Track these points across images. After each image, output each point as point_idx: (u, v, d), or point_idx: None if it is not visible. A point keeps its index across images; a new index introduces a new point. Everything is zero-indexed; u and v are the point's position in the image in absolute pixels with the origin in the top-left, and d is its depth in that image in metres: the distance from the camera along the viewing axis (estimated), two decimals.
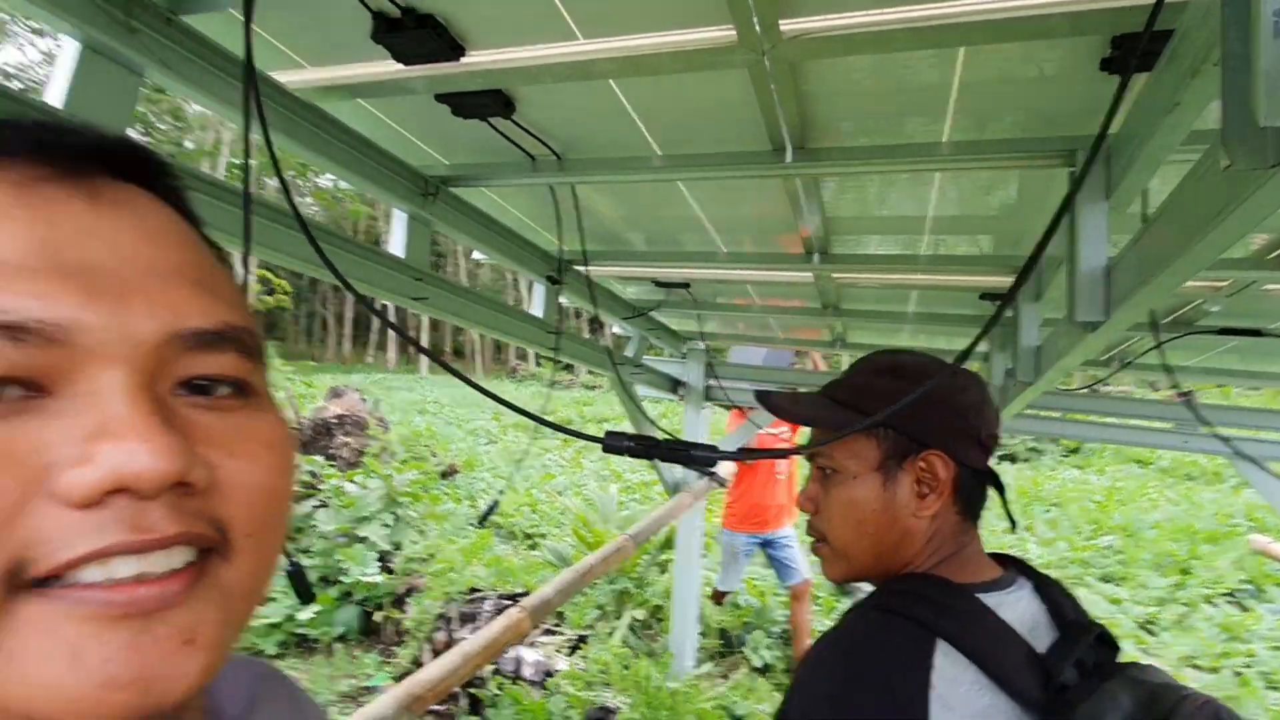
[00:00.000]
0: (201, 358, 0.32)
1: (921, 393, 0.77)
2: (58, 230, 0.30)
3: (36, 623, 0.27)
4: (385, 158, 1.55)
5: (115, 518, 0.28)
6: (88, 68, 1.02)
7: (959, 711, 0.67)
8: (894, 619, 0.74)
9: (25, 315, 0.27)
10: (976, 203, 1.74)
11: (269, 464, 0.34)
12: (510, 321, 1.98)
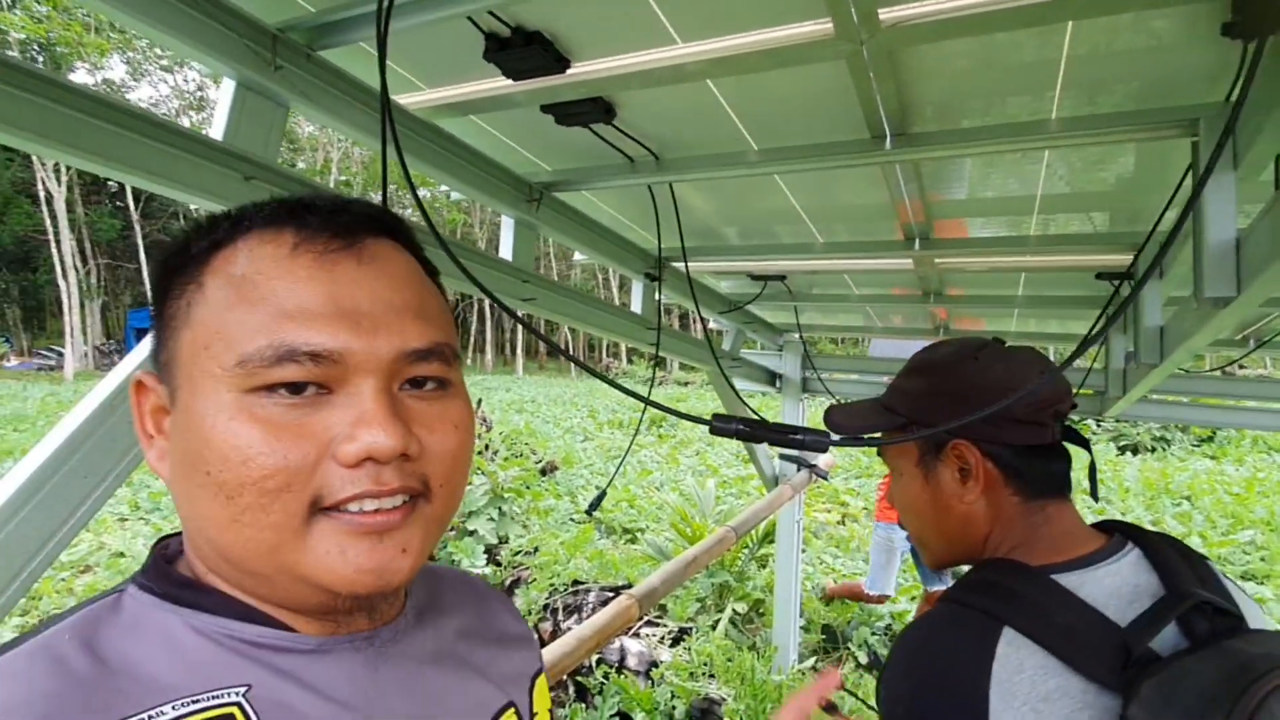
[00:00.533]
0: (419, 365, 0.49)
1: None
2: (338, 285, 0.47)
3: (324, 533, 0.45)
4: (494, 168, 1.65)
5: (366, 475, 0.45)
6: (241, 103, 1.15)
7: (1022, 697, 0.68)
8: (963, 611, 0.76)
9: (322, 346, 0.45)
10: (1089, 179, 1.67)
11: (456, 438, 0.51)
12: (611, 319, 2.05)
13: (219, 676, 0.45)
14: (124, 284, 39.22)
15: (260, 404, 0.44)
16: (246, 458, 0.43)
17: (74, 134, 0.90)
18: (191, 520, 0.47)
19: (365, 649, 0.51)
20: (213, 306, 0.46)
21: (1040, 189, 1.73)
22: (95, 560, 5.87)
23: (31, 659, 0.41)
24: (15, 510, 0.90)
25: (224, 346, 0.44)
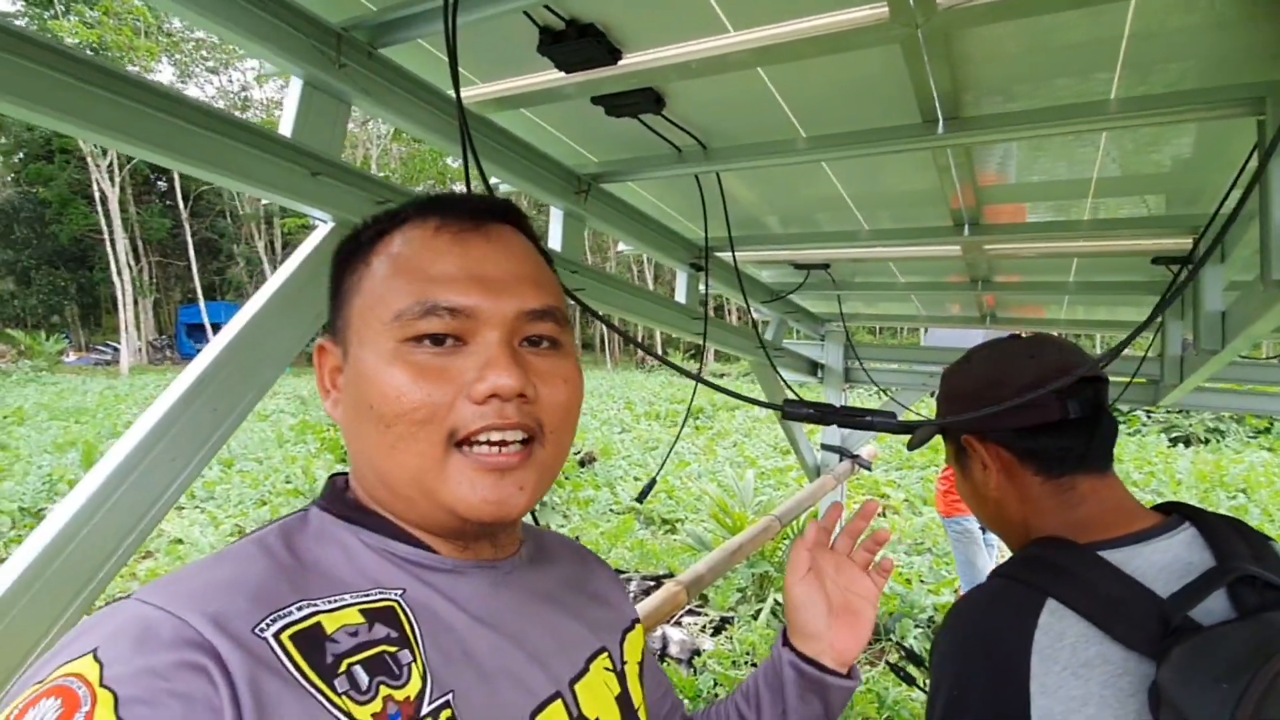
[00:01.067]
0: (535, 324, 0.59)
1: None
2: (471, 257, 0.58)
3: (458, 466, 0.55)
4: (544, 160, 1.67)
5: (491, 410, 0.55)
6: (308, 101, 1.19)
7: (1063, 662, 0.73)
8: (1009, 584, 0.82)
9: (458, 303, 0.56)
10: (1146, 160, 1.63)
11: (566, 391, 0.60)
12: (658, 309, 2.07)
13: (382, 579, 0.56)
14: (174, 281, 40.46)
15: (411, 352, 0.55)
16: (400, 393, 0.54)
17: (159, 133, 0.94)
18: (359, 453, 0.59)
19: (490, 574, 0.62)
20: (377, 278, 0.58)
21: (1095, 172, 1.70)
22: (155, 546, 6.11)
23: (253, 547, 0.54)
24: (111, 491, 0.95)
25: (384, 306, 0.56)
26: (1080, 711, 0.71)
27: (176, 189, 33.04)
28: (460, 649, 0.55)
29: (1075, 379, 0.85)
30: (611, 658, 0.69)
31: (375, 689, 0.48)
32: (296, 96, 1.19)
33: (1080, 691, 0.72)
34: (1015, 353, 0.94)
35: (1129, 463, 9.75)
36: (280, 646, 0.46)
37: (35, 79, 0.81)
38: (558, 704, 0.59)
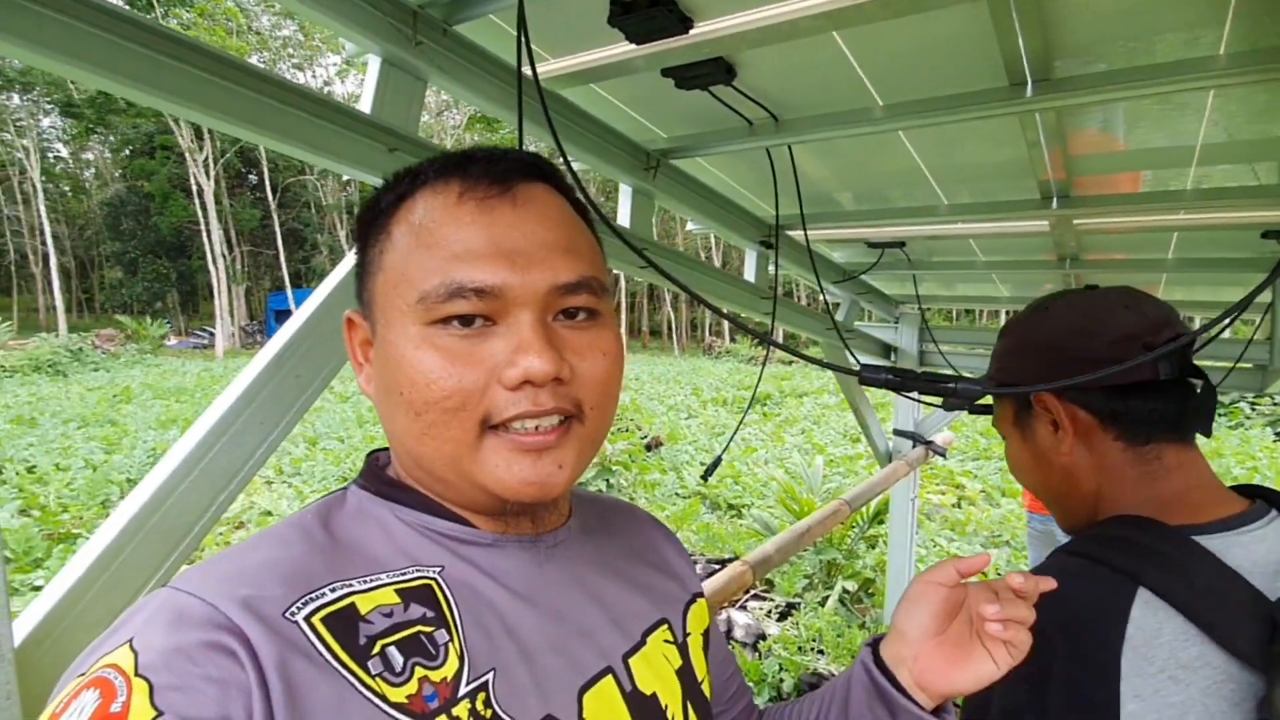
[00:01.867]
0: (570, 297, 0.55)
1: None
2: (497, 228, 0.53)
3: (493, 448, 0.53)
4: (613, 136, 1.67)
5: (525, 396, 0.52)
6: (386, 78, 1.22)
7: (1159, 663, 0.64)
8: (1094, 567, 0.72)
9: (485, 283, 0.52)
10: (1257, 125, 1.50)
11: (605, 364, 0.57)
12: (726, 287, 2.05)
13: (420, 556, 0.55)
14: (264, 269, 42.63)
15: (439, 335, 0.52)
16: (430, 381, 0.51)
17: (250, 110, 0.99)
18: (393, 434, 0.57)
19: (532, 549, 0.60)
20: (399, 253, 0.54)
21: (1200, 138, 1.58)
22: (247, 518, 6.48)
23: (289, 529, 0.54)
24: (205, 451, 1.01)
25: (408, 286, 0.53)
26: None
27: (266, 181, 34.71)
28: (502, 626, 0.54)
29: (1191, 338, 0.76)
30: (672, 629, 0.67)
31: (410, 670, 0.48)
32: (375, 74, 1.22)
33: (1180, 698, 0.64)
34: (1107, 302, 0.83)
35: (1230, 457, 9.12)
36: (311, 629, 0.46)
37: (142, 61, 0.86)
38: (608, 679, 0.58)
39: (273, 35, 29.78)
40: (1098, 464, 0.82)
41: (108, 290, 41.06)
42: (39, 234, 34.26)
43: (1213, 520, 0.74)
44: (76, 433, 10.34)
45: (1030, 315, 0.90)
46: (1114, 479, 0.80)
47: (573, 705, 0.54)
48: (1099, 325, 0.80)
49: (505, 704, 0.51)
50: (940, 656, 0.64)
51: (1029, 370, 0.85)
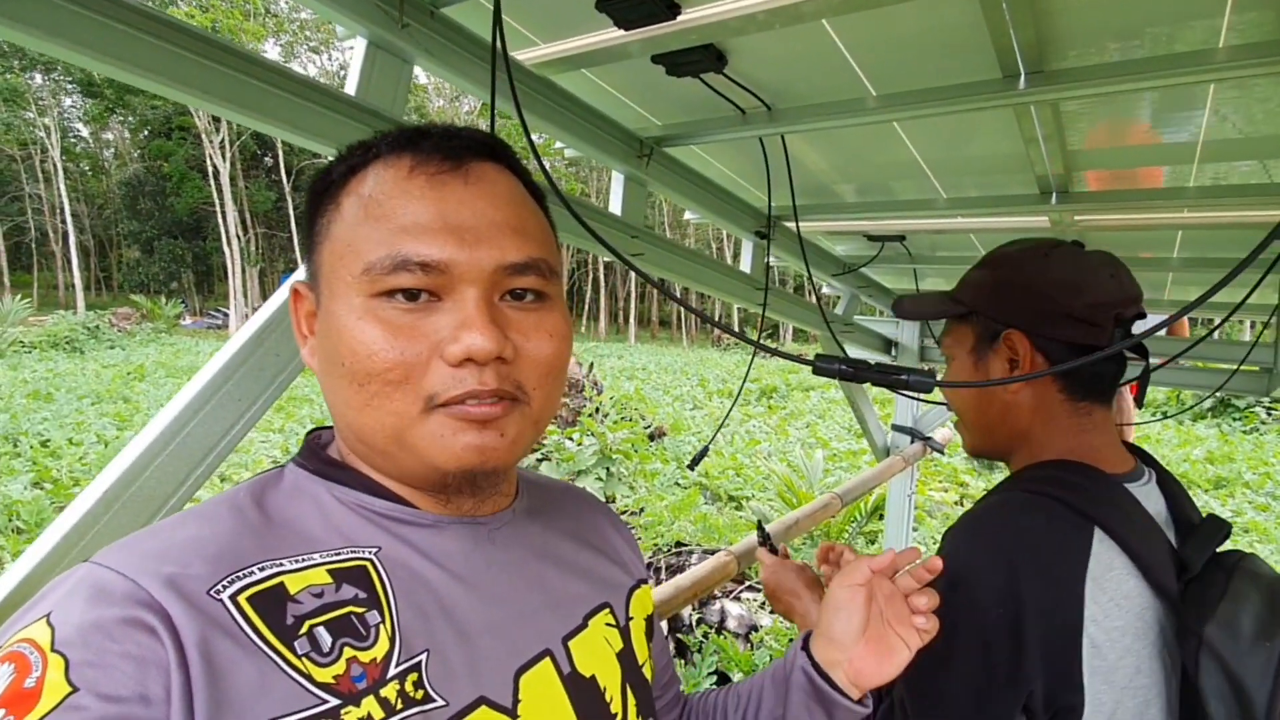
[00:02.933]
0: (517, 278, 0.55)
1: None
2: (447, 204, 0.53)
3: (438, 420, 0.52)
4: (605, 123, 1.66)
5: (470, 375, 0.52)
6: (372, 61, 1.21)
7: (1110, 593, 0.74)
8: (1053, 505, 0.79)
9: (431, 257, 0.52)
10: (1262, 120, 1.48)
11: (551, 345, 0.57)
12: (719, 277, 2.04)
13: (356, 536, 0.54)
14: (278, 251, 42.88)
15: (382, 308, 0.52)
16: (371, 352, 0.51)
17: (235, 91, 0.99)
18: (335, 407, 0.56)
19: (474, 530, 0.60)
20: (346, 224, 0.54)
21: (1203, 133, 1.55)
22: None
23: (219, 506, 0.53)
24: (182, 426, 1.02)
25: (354, 257, 0.53)
26: (1119, 643, 0.73)
27: (281, 164, 34.85)
28: (438, 607, 0.54)
29: (1140, 312, 0.87)
30: (615, 613, 0.67)
31: (339, 650, 0.48)
32: (361, 56, 1.22)
33: (1121, 623, 0.74)
34: (1096, 265, 0.88)
35: (1241, 463, 9.02)
36: (236, 608, 0.46)
37: (121, 38, 0.86)
38: (546, 662, 0.58)
39: (290, 18, 29.83)
40: (1037, 407, 0.90)
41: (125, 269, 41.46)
42: (59, 212, 34.61)
43: (1124, 472, 0.86)
44: (90, 409, 10.48)
45: (1027, 255, 0.93)
46: (1048, 424, 0.89)
47: (508, 686, 0.54)
48: (1085, 284, 0.86)
49: (437, 685, 0.50)
50: (868, 653, 0.69)
51: (1010, 308, 0.90)
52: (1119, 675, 0.73)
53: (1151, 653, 0.75)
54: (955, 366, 0.98)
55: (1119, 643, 0.73)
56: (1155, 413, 13.51)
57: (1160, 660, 0.75)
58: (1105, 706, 0.73)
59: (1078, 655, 0.73)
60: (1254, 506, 7.40)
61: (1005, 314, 0.90)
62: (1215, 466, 8.84)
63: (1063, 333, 0.87)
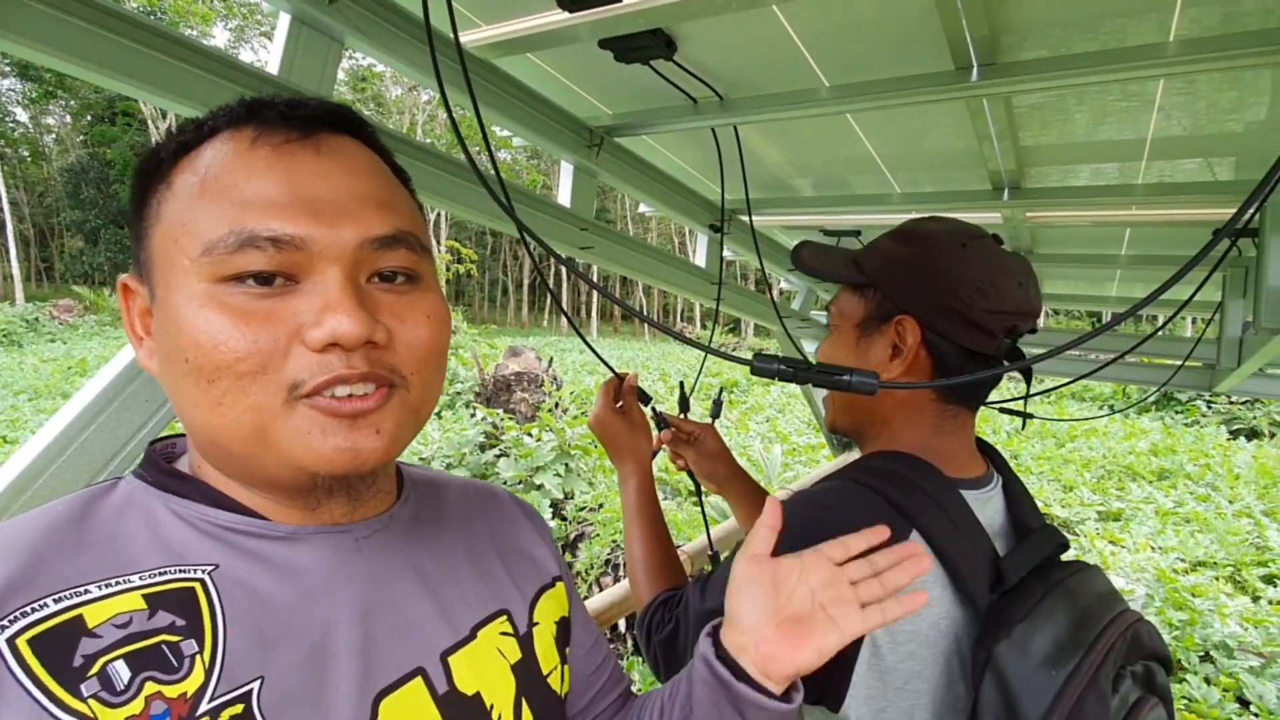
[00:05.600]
0: (385, 255, 0.49)
1: None
2: (298, 175, 0.47)
3: (304, 416, 0.47)
4: (553, 110, 1.60)
5: (336, 360, 0.46)
6: (296, 39, 1.13)
7: None
8: (876, 500, 0.77)
9: (282, 231, 0.45)
10: (1212, 117, 1.48)
11: (429, 328, 0.51)
12: (673, 271, 1.99)
13: (188, 554, 0.48)
14: None
15: (229, 293, 0.45)
16: (217, 343, 0.45)
17: (150, 70, 0.91)
18: (183, 410, 0.49)
19: (338, 540, 0.53)
20: (180, 201, 0.47)
21: (1151, 130, 1.56)
22: None
23: (33, 519, 0.47)
24: (82, 428, 0.93)
25: (190, 238, 0.46)
26: (903, 646, 0.73)
27: None
28: (282, 629, 0.48)
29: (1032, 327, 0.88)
30: (514, 620, 0.61)
31: (138, 687, 0.42)
32: (284, 33, 1.14)
33: (911, 628, 0.73)
34: (1009, 270, 0.85)
35: (1183, 454, 9.34)
36: (13, 652, 0.40)
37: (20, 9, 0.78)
38: (416, 682, 0.52)
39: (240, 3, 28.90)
40: (905, 400, 0.88)
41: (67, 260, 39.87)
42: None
43: (970, 478, 0.85)
44: (27, 405, 10.02)
45: (944, 241, 0.87)
46: (910, 419, 0.87)
47: (365, 711, 0.49)
48: (993, 290, 0.82)
49: (272, 715, 0.45)
50: (780, 636, 0.58)
51: (912, 294, 0.86)
52: (895, 677, 0.73)
53: (937, 660, 0.74)
54: (835, 338, 0.95)
55: (902, 646, 0.73)
56: (1102, 406, 13.96)
57: (946, 669, 0.75)
58: (872, 701, 0.74)
59: (855, 648, 0.73)
60: (1195, 497, 7.67)
61: (904, 299, 0.87)
62: (1159, 459, 9.14)
63: (956, 334, 0.84)
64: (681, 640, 0.88)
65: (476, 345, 12.21)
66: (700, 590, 0.87)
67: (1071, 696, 0.66)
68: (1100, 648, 0.70)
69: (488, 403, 7.51)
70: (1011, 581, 0.75)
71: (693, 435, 1.28)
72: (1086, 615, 0.74)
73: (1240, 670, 3.84)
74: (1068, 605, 0.74)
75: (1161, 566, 5.59)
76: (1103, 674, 0.68)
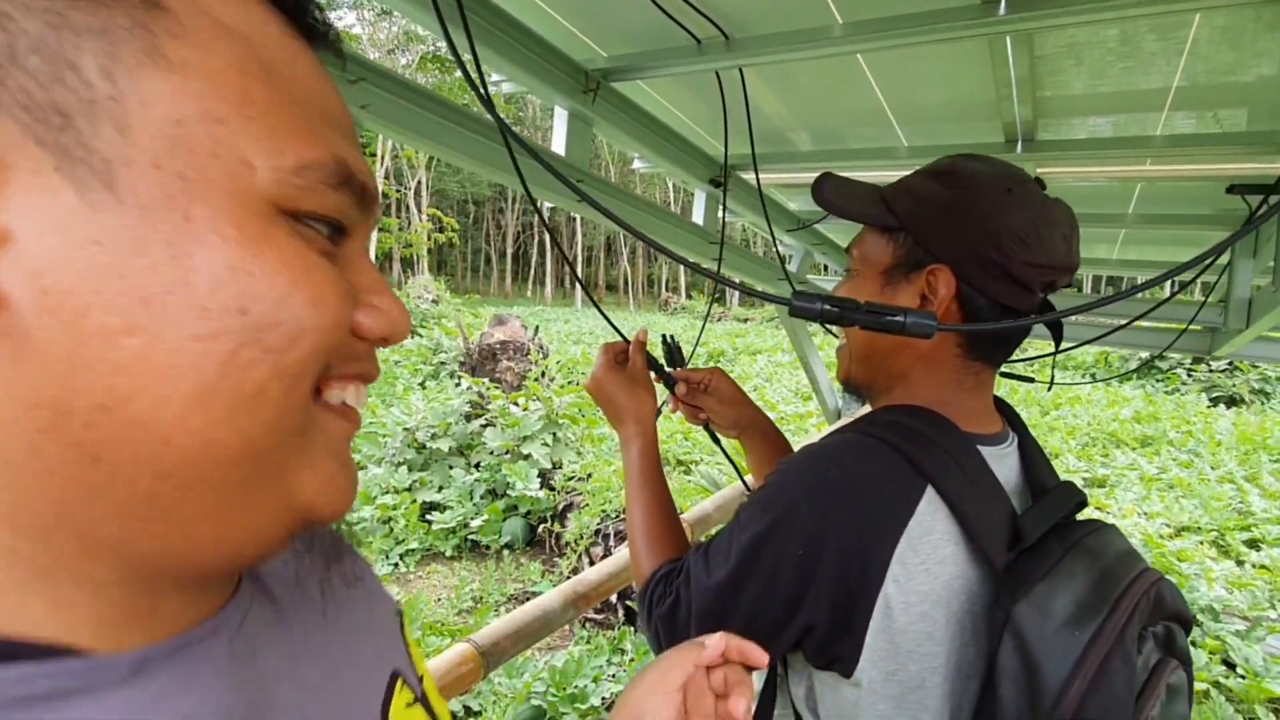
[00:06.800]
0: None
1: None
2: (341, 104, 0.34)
3: (322, 427, 0.33)
4: (547, 51, 1.49)
5: (366, 353, 0.35)
6: None
7: (922, 556, 0.70)
8: (891, 454, 0.73)
9: (368, 181, 0.33)
10: (1234, 64, 1.41)
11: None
12: (670, 228, 1.90)
13: None
14: None
15: (288, 238, 0.30)
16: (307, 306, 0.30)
17: None
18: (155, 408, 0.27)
19: (213, 646, 0.32)
20: (221, 57, 0.28)
21: (1177, 78, 1.48)
22: None
23: None
24: None
25: (265, 141, 0.28)
26: (917, 607, 0.70)
27: None
28: None
29: (1068, 281, 0.81)
30: (408, 681, 0.45)
31: None
32: None
33: (925, 588, 0.70)
34: (1055, 220, 0.78)
35: (1166, 421, 9.46)
36: None
37: None
38: None
39: None
40: (929, 353, 0.82)
41: None
42: None
43: (988, 434, 0.82)
44: None
45: (987, 185, 0.80)
46: (930, 372, 0.82)
47: None
48: (1037, 242, 0.76)
49: None
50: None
51: (949, 242, 0.79)
52: (907, 639, 0.70)
53: (950, 621, 0.71)
54: (855, 283, 0.88)
55: (916, 607, 0.70)
56: (1085, 374, 14.11)
57: (960, 631, 0.71)
58: (883, 664, 0.71)
59: (868, 611, 0.70)
60: (1178, 463, 7.76)
61: (940, 246, 0.79)
62: (1142, 425, 9.24)
63: (994, 288, 0.78)
64: (683, 615, 0.82)
65: (460, 314, 12.05)
66: (704, 560, 0.81)
67: (1096, 658, 0.62)
68: (1125, 606, 0.67)
69: (473, 372, 7.40)
70: (1030, 540, 0.71)
71: (705, 383, 1.18)
72: (1108, 574, 0.70)
73: (1226, 633, 3.89)
74: (1088, 564, 0.70)
75: (1148, 532, 5.65)
76: (1128, 634, 0.65)
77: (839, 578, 0.70)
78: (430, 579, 4.83)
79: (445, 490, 5.52)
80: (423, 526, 5.19)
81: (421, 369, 10.00)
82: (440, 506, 5.37)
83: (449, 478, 5.63)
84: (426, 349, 10.46)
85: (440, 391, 7.32)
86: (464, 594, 4.50)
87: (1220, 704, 3.32)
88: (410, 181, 32.92)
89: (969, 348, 0.81)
